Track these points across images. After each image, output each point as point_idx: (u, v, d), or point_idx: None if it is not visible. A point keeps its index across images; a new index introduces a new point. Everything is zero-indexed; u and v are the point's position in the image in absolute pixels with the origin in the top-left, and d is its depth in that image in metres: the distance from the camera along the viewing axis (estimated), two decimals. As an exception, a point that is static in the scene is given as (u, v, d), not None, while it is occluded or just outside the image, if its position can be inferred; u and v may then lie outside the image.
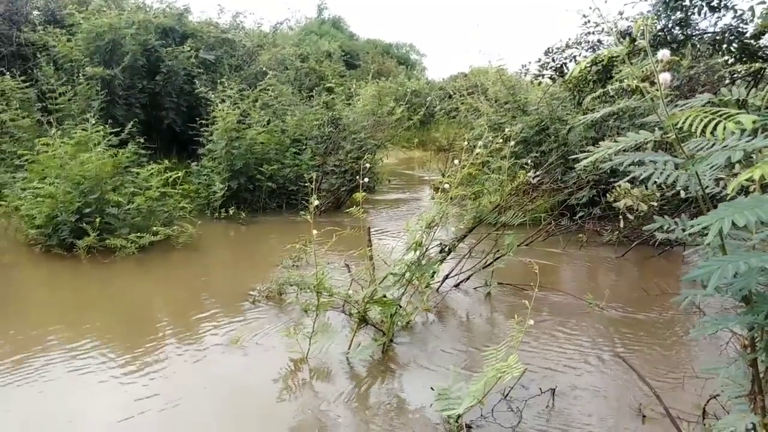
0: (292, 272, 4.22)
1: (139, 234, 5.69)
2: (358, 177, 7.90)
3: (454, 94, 10.70)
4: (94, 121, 6.71)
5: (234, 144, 7.81)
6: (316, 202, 3.28)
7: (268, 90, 9.20)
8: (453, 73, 21.73)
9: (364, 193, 3.56)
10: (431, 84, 21.15)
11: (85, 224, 5.55)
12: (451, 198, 3.66)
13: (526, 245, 5.01)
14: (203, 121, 8.20)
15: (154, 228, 5.78)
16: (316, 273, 3.29)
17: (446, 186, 3.59)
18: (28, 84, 8.37)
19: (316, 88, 11.27)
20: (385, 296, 3.54)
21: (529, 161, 5.12)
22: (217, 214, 7.52)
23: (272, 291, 4.46)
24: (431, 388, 2.85)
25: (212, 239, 6.67)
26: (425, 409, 2.91)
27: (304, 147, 8.58)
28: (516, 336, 2.64)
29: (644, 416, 2.83)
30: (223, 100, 8.07)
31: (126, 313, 4.40)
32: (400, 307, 3.69)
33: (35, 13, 10.63)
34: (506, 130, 5.14)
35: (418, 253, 3.59)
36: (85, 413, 2.86)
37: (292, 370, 3.32)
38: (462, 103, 9.41)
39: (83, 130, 6.63)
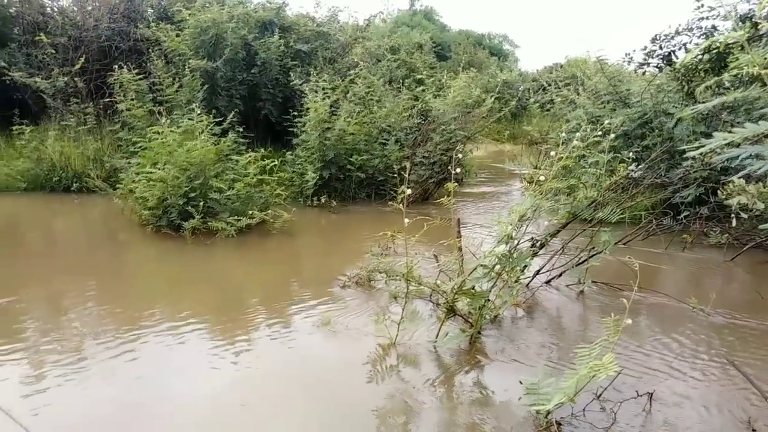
0: (381, 260, 4.29)
1: (237, 218, 6.02)
2: (448, 168, 7.90)
3: (549, 85, 10.35)
4: (199, 112, 7.16)
5: (326, 135, 8.04)
6: (408, 191, 3.31)
7: (357, 81, 9.35)
8: (548, 63, 21.03)
9: (456, 184, 3.55)
10: (524, 75, 20.59)
11: (190, 207, 5.96)
12: (544, 191, 3.57)
13: (624, 244, 4.79)
14: (297, 112, 8.50)
15: (250, 212, 6.09)
16: (406, 262, 3.34)
17: (541, 178, 3.49)
18: (142, 76, 9.06)
19: (407, 80, 11.32)
20: (473, 288, 3.52)
21: (631, 155, 4.85)
22: (309, 202, 7.80)
23: (362, 277, 4.57)
24: (520, 381, 2.81)
25: (305, 226, 6.93)
26: (512, 402, 2.88)
27: (393, 138, 8.67)
28: (612, 335, 2.54)
29: (754, 430, 2.63)
30: (315, 91, 8.31)
31: (224, 291, 4.68)
32: (489, 300, 3.65)
33: (149, 11, 11.48)
34: (606, 122, 4.92)
35: (508, 246, 3.53)
36: (180, 385, 3.08)
37: (381, 355, 3.39)
38: (557, 95, 9.09)
39: (189, 119, 7.11)
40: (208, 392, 2.99)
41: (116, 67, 8.97)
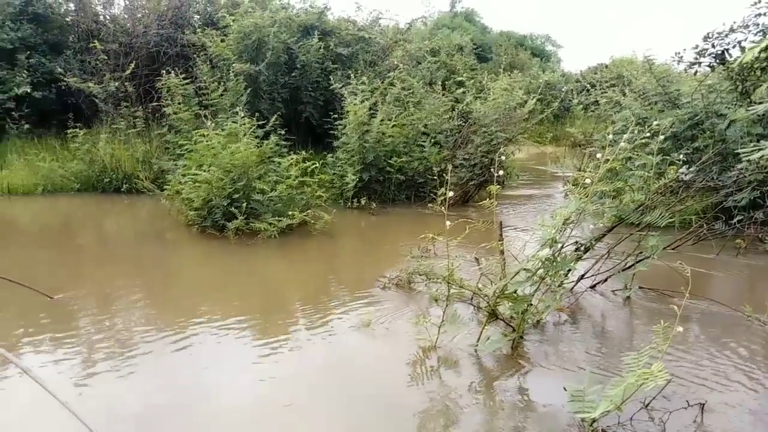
0: (421, 262, 4.28)
1: (278, 218, 6.11)
2: (489, 170, 7.78)
3: (593, 86, 10.13)
4: (242, 115, 7.30)
5: (365, 137, 8.07)
6: (450, 194, 3.30)
7: (395, 84, 9.34)
8: (591, 64, 20.57)
9: (498, 187, 3.51)
10: (567, 76, 20.20)
11: (234, 208, 6.08)
12: (589, 194, 3.48)
13: (673, 249, 4.62)
14: (338, 115, 8.56)
15: (291, 213, 6.16)
16: (448, 264, 3.32)
17: (587, 181, 3.42)
18: (188, 81, 9.31)
19: (446, 82, 11.27)
20: (515, 292, 3.47)
21: (682, 157, 4.69)
22: (349, 203, 7.85)
23: (401, 279, 4.57)
24: (564, 388, 2.74)
25: (345, 227, 6.98)
26: (555, 408, 2.82)
27: (432, 140, 8.64)
28: (661, 343, 2.46)
29: (815, 446, 2.50)
30: (355, 94, 8.34)
31: (266, 290, 4.77)
32: (531, 304, 3.59)
33: (195, 17, 11.79)
34: (654, 123, 4.77)
35: (552, 249, 3.47)
36: (222, 380, 3.14)
37: (421, 357, 3.38)
38: (602, 96, 8.87)
39: (233, 122, 7.26)
40: (250, 388, 3.05)
41: (164, 72, 9.25)
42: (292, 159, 6.90)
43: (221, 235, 6.10)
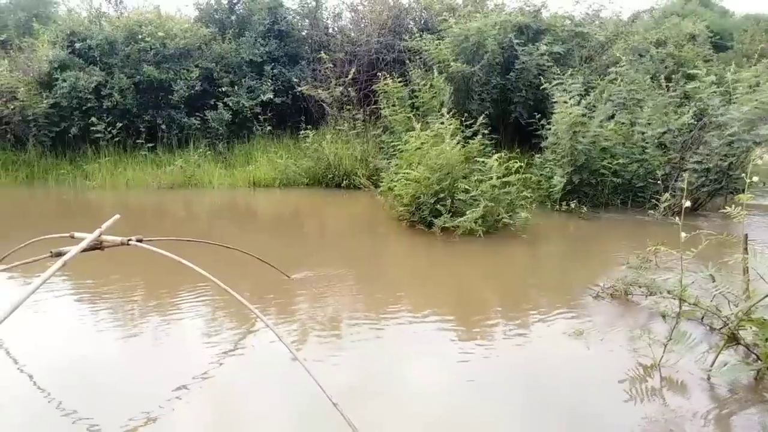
0: (642, 273, 3.93)
1: (476, 214, 6.08)
2: (726, 175, 6.81)
3: None
4: (448, 116, 7.46)
5: (578, 138, 7.64)
6: (687, 203, 2.97)
7: (616, 80, 8.65)
8: None
9: (750, 195, 3.03)
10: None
11: (440, 206, 6.28)
12: None
13: None
14: (547, 115, 8.23)
15: (481, 208, 6.05)
16: (680, 279, 2.98)
17: None
18: (402, 84, 9.85)
19: (674, 76, 10.11)
20: (763, 317, 2.98)
21: None
22: (557, 206, 7.53)
23: (617, 289, 4.24)
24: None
25: (551, 231, 6.73)
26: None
27: (657, 140, 7.82)
28: None
29: None
30: (568, 92, 7.93)
31: (467, 288, 4.83)
32: (783, 332, 3.05)
33: (411, 24, 12.41)
34: None
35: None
36: (414, 375, 3.23)
37: (641, 375, 3.09)
38: None
39: (441, 123, 7.47)
40: (446, 387, 3.06)
41: (380, 76, 9.90)
42: (497, 159, 6.85)
43: (428, 231, 6.35)
